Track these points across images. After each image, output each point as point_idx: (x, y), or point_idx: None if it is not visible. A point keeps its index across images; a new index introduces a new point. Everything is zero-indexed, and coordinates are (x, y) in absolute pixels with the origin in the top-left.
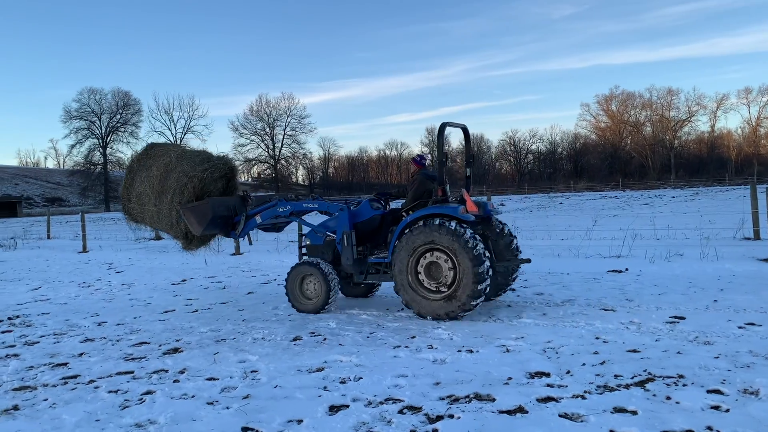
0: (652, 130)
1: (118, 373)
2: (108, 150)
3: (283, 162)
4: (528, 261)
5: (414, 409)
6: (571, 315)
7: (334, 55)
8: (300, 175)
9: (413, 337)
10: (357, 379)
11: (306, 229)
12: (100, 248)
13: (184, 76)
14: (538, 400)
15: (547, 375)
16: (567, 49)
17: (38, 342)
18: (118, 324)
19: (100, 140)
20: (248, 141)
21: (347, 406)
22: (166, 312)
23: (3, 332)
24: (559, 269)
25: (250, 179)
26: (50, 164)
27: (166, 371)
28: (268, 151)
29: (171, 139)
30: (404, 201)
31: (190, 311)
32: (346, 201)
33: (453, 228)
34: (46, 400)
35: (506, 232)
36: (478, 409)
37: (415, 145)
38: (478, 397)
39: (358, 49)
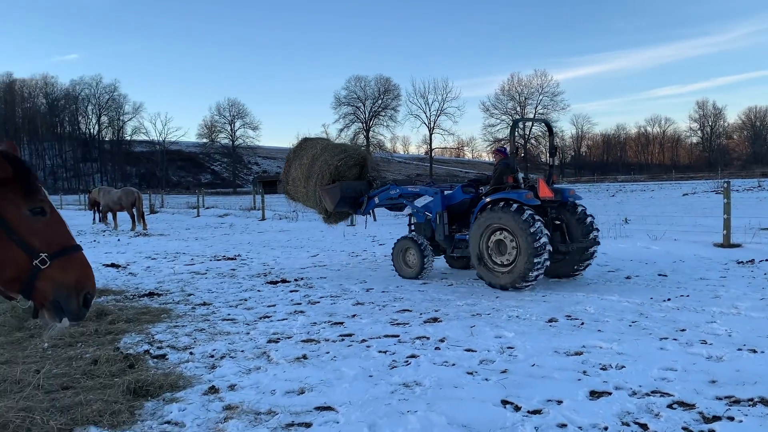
0: None
1: (386, 336)
2: (370, 133)
3: (532, 141)
4: (597, 243)
5: (686, 405)
6: None
7: (591, 26)
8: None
9: (683, 329)
10: (619, 368)
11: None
12: (365, 222)
13: (440, 60)
14: None
15: None
16: None
17: (318, 302)
18: (383, 291)
19: (364, 124)
20: (498, 121)
21: (609, 393)
22: (424, 284)
23: (291, 291)
24: None
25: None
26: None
27: (428, 338)
28: (517, 131)
29: (426, 121)
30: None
31: (445, 285)
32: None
33: (513, 210)
34: (327, 353)
35: (584, 217)
36: (764, 415)
37: (683, 121)
38: (764, 401)
39: (618, 18)
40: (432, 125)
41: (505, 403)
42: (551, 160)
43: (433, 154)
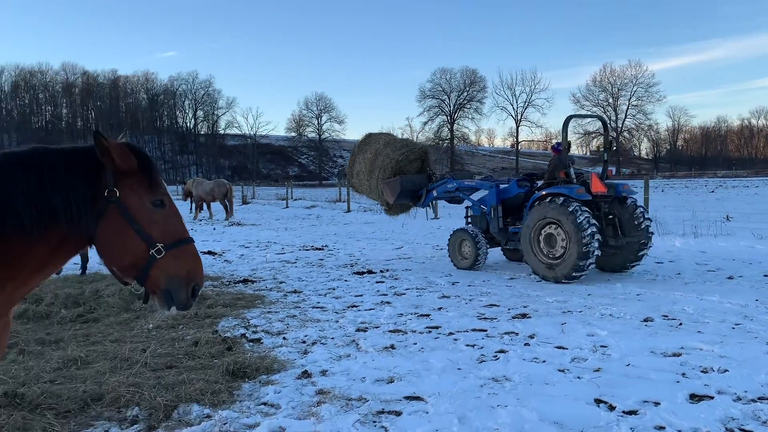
0: None
1: (473, 330)
2: (455, 126)
3: (625, 134)
4: (649, 238)
5: None
6: None
7: (691, 13)
8: (643, 148)
9: None
10: (722, 371)
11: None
12: (449, 216)
13: (528, 51)
14: None
15: None
16: None
17: (404, 294)
18: (469, 285)
19: (449, 117)
20: (589, 113)
21: (711, 397)
22: (512, 279)
23: (377, 282)
24: None
25: (588, 153)
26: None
27: (516, 334)
28: (609, 123)
29: (512, 113)
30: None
31: (534, 281)
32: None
33: (560, 203)
34: (415, 344)
35: (638, 211)
36: None
37: None
38: None
39: (720, 3)
40: (519, 117)
41: (598, 402)
42: (605, 155)
43: (519, 147)
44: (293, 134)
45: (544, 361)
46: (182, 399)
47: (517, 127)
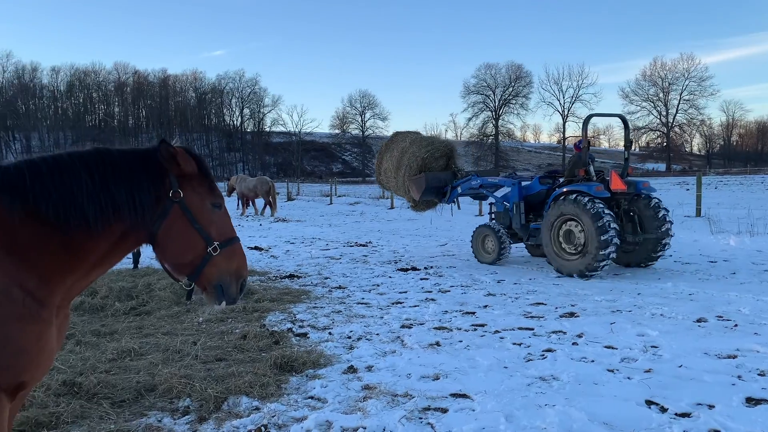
0: None
1: (520, 328)
2: (499, 122)
3: (676, 130)
4: (669, 235)
5: None
6: None
7: (751, 2)
8: (695, 144)
9: None
10: None
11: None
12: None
13: (575, 45)
14: None
15: None
16: None
17: (449, 291)
18: (515, 283)
19: (493, 113)
20: (638, 108)
21: None
22: (559, 277)
23: (421, 279)
24: None
25: (637, 149)
26: (449, 136)
27: (564, 333)
28: (660, 118)
29: (559, 108)
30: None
31: (583, 279)
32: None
33: (574, 199)
34: (460, 341)
35: (656, 208)
36: None
37: None
38: None
39: None
40: (566, 113)
41: (649, 403)
42: (626, 153)
43: (566, 143)
44: (337, 131)
45: (593, 361)
46: (232, 391)
47: (564, 122)
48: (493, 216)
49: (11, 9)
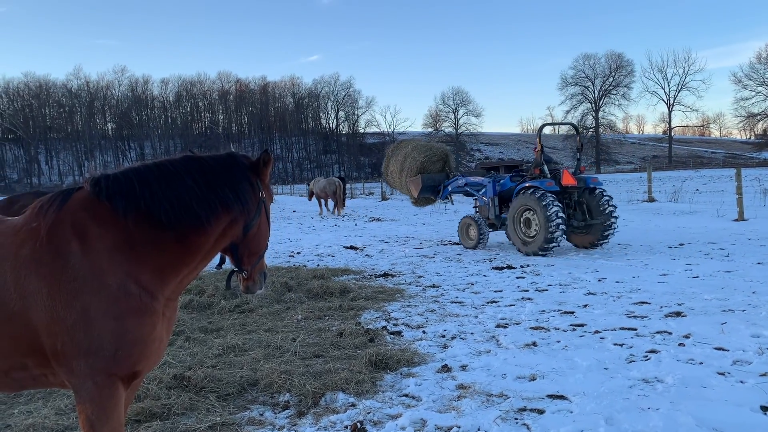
0: None
1: (622, 328)
2: (599, 113)
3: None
4: (613, 219)
5: None
6: None
7: None
8: None
9: None
10: None
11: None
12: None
13: (680, 30)
14: None
15: None
16: None
17: (547, 290)
18: (618, 282)
19: (593, 104)
20: (753, 93)
21: None
22: (664, 275)
23: (518, 278)
24: None
25: (752, 137)
26: (546, 130)
27: (670, 333)
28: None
29: (664, 97)
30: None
31: (690, 276)
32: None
33: (531, 193)
34: (558, 341)
35: (603, 198)
36: None
37: None
38: None
39: None
40: (671, 102)
41: (765, 409)
42: (578, 154)
43: (672, 134)
44: (430, 130)
45: (701, 363)
46: (329, 387)
47: (670, 112)
48: (476, 209)
49: (124, 27)
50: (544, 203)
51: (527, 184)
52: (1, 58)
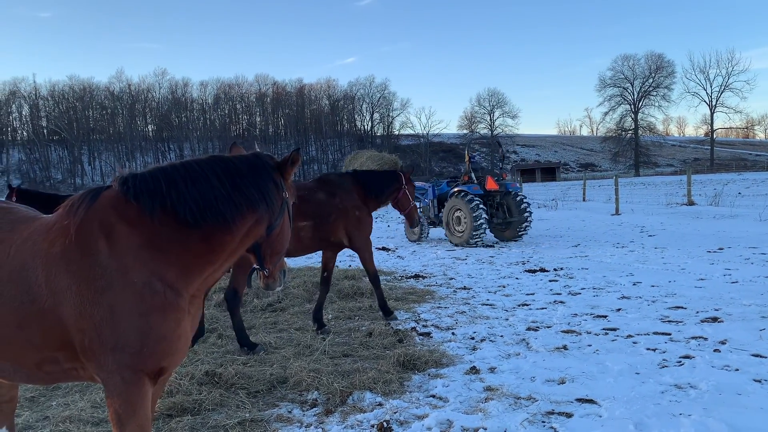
0: None
1: (655, 333)
2: (639, 115)
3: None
4: (527, 215)
5: None
6: None
7: None
8: None
9: None
10: None
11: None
12: (632, 211)
13: (723, 29)
14: None
15: None
16: None
17: (580, 293)
18: (653, 286)
19: (632, 106)
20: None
21: None
22: (702, 279)
23: (550, 281)
24: None
25: None
26: (584, 132)
27: (705, 339)
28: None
29: (706, 99)
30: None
31: (729, 281)
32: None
33: (460, 195)
34: (589, 345)
35: (520, 200)
36: None
37: None
38: None
39: None
40: (714, 103)
41: None
42: (500, 164)
43: (714, 136)
44: (465, 131)
45: (737, 370)
46: (356, 386)
47: (712, 113)
48: (420, 210)
49: (165, 30)
50: (470, 205)
51: (457, 189)
52: (48, 63)
